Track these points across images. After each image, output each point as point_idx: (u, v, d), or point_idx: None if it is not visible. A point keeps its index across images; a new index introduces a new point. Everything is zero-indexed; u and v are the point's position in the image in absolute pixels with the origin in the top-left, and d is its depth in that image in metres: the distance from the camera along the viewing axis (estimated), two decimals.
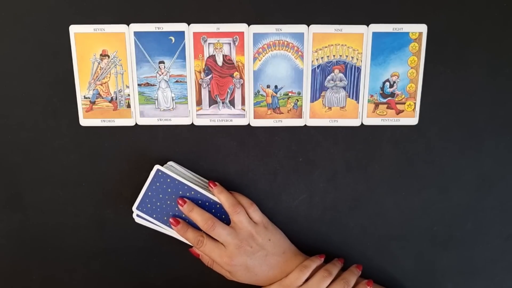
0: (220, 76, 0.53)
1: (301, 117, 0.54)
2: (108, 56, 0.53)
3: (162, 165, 0.53)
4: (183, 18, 0.52)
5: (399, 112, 0.54)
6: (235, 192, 0.54)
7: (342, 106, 0.54)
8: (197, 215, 0.51)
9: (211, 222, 0.51)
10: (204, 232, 0.52)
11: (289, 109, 0.54)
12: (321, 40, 0.52)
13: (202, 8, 0.52)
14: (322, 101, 0.54)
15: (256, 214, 0.53)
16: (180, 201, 0.52)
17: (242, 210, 0.52)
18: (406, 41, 0.52)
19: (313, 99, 0.54)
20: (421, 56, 0.53)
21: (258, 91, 0.54)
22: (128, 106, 0.54)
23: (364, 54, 0.53)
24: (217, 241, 0.51)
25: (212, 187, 0.53)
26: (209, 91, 0.54)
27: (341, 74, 0.53)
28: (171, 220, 0.52)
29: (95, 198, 0.56)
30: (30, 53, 0.52)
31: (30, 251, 0.57)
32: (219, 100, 0.54)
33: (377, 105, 0.54)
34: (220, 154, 0.55)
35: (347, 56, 0.53)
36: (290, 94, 0.54)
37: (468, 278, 0.58)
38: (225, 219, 0.53)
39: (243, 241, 0.51)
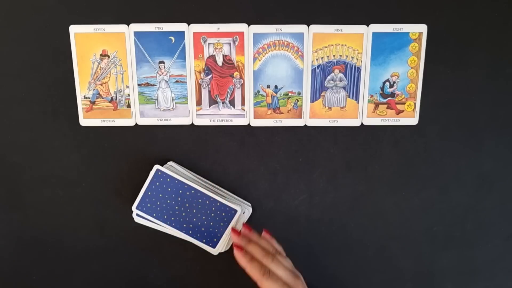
0: (220, 76, 0.53)
1: (301, 117, 0.54)
2: (108, 56, 0.53)
3: (162, 165, 0.53)
4: (183, 18, 0.52)
5: (399, 112, 0.54)
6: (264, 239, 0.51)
7: (342, 106, 0.54)
8: (257, 248, 0.49)
9: (273, 250, 0.49)
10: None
11: (289, 109, 0.54)
12: (321, 40, 0.52)
13: (202, 8, 0.52)
14: (322, 101, 0.54)
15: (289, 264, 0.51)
16: (234, 233, 0.51)
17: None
18: (406, 41, 0.52)
19: (313, 99, 0.54)
20: (421, 56, 0.53)
21: (258, 91, 0.54)
22: (128, 106, 0.54)
23: (364, 54, 0.53)
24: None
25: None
26: (209, 91, 0.54)
27: (341, 74, 0.53)
28: (235, 246, 0.49)
29: (95, 198, 0.56)
30: (30, 53, 0.52)
31: (30, 251, 0.57)
32: (219, 100, 0.54)
33: (377, 105, 0.54)
34: (220, 154, 0.55)
35: (347, 56, 0.53)
36: (290, 94, 0.54)
37: (468, 278, 0.58)
38: (227, 219, 0.53)
39: (293, 281, 0.48)
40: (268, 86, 0.54)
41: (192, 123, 0.54)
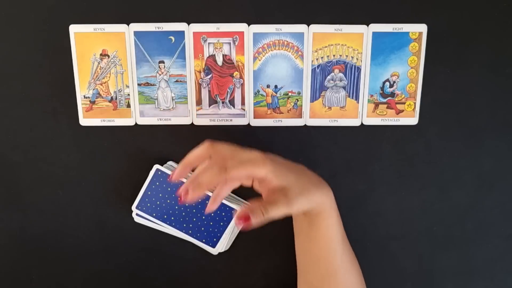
0: (220, 76, 0.53)
1: (301, 117, 0.54)
2: (108, 56, 0.53)
3: (162, 165, 0.53)
4: (183, 18, 0.52)
5: (399, 112, 0.54)
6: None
7: (342, 106, 0.54)
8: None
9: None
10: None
11: (289, 109, 0.54)
12: (321, 40, 0.52)
13: (202, 8, 0.52)
14: (322, 101, 0.54)
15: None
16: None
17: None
18: (406, 41, 0.52)
19: (313, 99, 0.54)
20: (421, 56, 0.53)
21: (258, 91, 0.54)
22: (128, 105, 0.54)
23: (364, 54, 0.53)
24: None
25: None
26: (209, 91, 0.54)
27: (341, 74, 0.53)
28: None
29: (95, 198, 0.56)
30: (30, 53, 0.52)
31: (30, 251, 0.57)
32: (219, 100, 0.54)
33: (377, 105, 0.54)
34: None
35: (347, 56, 0.53)
36: (290, 94, 0.54)
37: (468, 278, 0.58)
38: (227, 218, 0.53)
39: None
40: (268, 86, 0.54)
41: (192, 123, 0.54)
